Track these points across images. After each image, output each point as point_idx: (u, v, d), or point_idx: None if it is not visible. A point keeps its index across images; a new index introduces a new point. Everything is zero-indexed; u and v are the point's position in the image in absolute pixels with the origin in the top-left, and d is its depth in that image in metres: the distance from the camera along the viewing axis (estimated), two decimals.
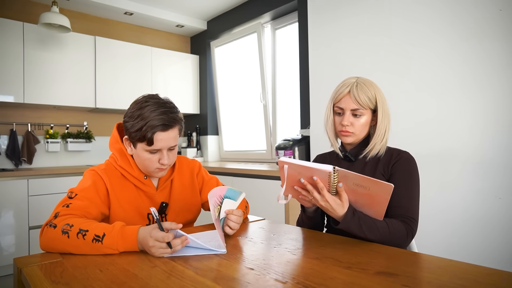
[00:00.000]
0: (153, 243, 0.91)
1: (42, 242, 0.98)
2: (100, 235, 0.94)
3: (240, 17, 3.77)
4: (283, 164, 1.00)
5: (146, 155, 1.12)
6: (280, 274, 0.79)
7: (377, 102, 1.18)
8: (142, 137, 1.08)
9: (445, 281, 0.71)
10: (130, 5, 3.71)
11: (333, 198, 0.98)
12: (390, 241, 1.02)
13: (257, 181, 2.76)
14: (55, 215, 1.01)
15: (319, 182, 0.97)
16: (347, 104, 1.17)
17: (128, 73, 3.75)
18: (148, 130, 1.07)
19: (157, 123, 1.07)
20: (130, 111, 1.12)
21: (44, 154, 3.52)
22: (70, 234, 0.94)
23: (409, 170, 1.15)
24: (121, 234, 0.95)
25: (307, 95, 2.89)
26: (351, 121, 1.18)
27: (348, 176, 0.95)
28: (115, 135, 1.22)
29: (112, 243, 0.94)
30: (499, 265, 1.72)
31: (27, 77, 3.14)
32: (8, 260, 2.78)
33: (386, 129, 1.19)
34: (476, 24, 1.82)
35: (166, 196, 1.25)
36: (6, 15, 3.27)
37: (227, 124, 4.22)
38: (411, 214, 1.10)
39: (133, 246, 0.95)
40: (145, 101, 1.11)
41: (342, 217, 1.00)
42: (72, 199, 1.06)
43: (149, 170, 1.15)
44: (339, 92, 1.20)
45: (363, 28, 2.33)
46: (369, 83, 1.19)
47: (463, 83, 1.88)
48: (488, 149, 1.79)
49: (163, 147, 1.11)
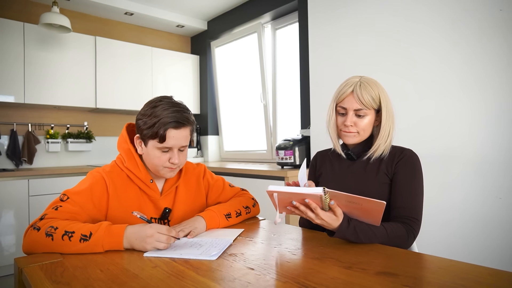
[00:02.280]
0: (152, 233, 0.94)
1: (24, 244, 0.97)
2: (87, 234, 0.95)
3: (241, 17, 3.77)
4: (272, 193, 0.98)
5: (156, 153, 1.13)
6: (281, 274, 0.79)
7: (381, 102, 1.16)
8: (154, 134, 1.10)
9: (446, 281, 0.71)
10: (131, 5, 3.71)
11: (328, 215, 0.96)
12: (390, 243, 1.01)
13: (258, 181, 2.76)
14: (42, 217, 1.00)
15: (312, 203, 0.96)
16: (350, 104, 1.15)
17: (128, 73, 3.75)
18: (161, 127, 1.09)
19: (170, 120, 1.09)
20: (144, 110, 1.14)
21: (45, 154, 3.52)
22: (54, 237, 0.94)
23: (413, 168, 1.13)
24: (108, 232, 0.96)
25: (307, 95, 2.89)
26: (354, 121, 1.16)
27: (339, 196, 0.94)
28: (124, 135, 1.21)
29: (98, 240, 0.94)
30: (500, 265, 1.72)
31: (28, 77, 3.15)
32: (8, 260, 2.79)
33: (390, 129, 1.17)
34: (477, 24, 1.82)
35: (170, 202, 1.24)
36: (6, 15, 3.27)
37: (228, 124, 4.23)
38: (414, 214, 1.07)
39: (118, 244, 0.96)
40: (159, 100, 1.13)
41: (337, 227, 0.98)
42: (63, 202, 1.05)
43: (159, 169, 1.15)
44: (342, 92, 1.17)
45: (364, 28, 2.33)
46: (373, 83, 1.17)
47: (463, 83, 1.88)
48: (488, 149, 1.79)
49: (174, 145, 1.12)
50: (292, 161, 2.69)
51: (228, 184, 1.42)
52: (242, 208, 1.31)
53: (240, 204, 1.32)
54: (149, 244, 0.95)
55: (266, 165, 3.22)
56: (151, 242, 0.95)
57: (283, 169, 2.69)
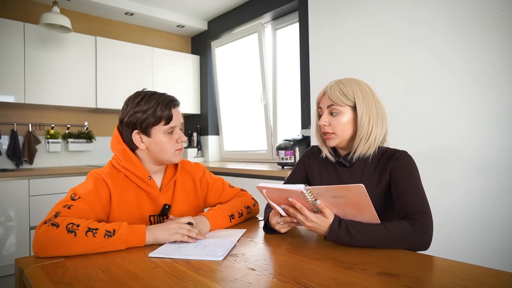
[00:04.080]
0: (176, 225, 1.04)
1: (39, 241, 0.92)
2: (111, 230, 0.97)
3: (241, 17, 3.77)
4: (262, 189, 1.02)
5: (164, 139, 1.16)
6: (282, 275, 0.79)
7: (355, 98, 1.12)
8: (158, 118, 1.14)
9: (446, 282, 0.71)
10: (131, 5, 3.71)
11: (317, 216, 0.96)
12: (396, 242, 0.95)
13: (258, 181, 2.76)
14: (56, 214, 0.99)
15: (296, 202, 0.96)
16: (323, 103, 1.16)
17: (128, 73, 3.75)
18: (163, 109, 1.14)
19: (167, 99, 1.15)
20: (131, 106, 1.16)
21: (45, 154, 3.52)
22: (77, 233, 0.94)
23: (409, 166, 1.10)
24: (131, 229, 1.00)
25: (307, 95, 2.89)
26: (328, 120, 1.14)
27: (321, 191, 0.94)
28: (116, 135, 1.21)
29: (122, 236, 0.97)
30: (500, 265, 1.72)
31: (28, 77, 3.15)
32: (9, 260, 2.79)
33: (371, 126, 1.11)
34: (477, 24, 1.82)
35: (169, 198, 1.25)
36: (7, 15, 3.27)
37: (228, 124, 4.23)
38: (419, 209, 1.02)
39: (141, 240, 1.01)
40: (140, 93, 1.18)
41: (329, 228, 0.95)
42: (75, 201, 1.05)
43: (169, 154, 1.18)
44: (319, 94, 1.19)
45: (364, 29, 2.33)
46: (348, 81, 1.14)
47: (463, 84, 1.88)
48: (488, 149, 1.79)
49: (178, 123, 1.18)
50: (292, 161, 2.69)
51: (228, 185, 1.42)
52: (244, 208, 1.32)
53: (242, 205, 1.33)
54: (173, 230, 1.02)
55: (266, 165, 3.22)
56: (176, 229, 1.03)
57: (283, 169, 2.69)
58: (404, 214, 1.05)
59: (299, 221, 0.99)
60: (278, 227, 1.09)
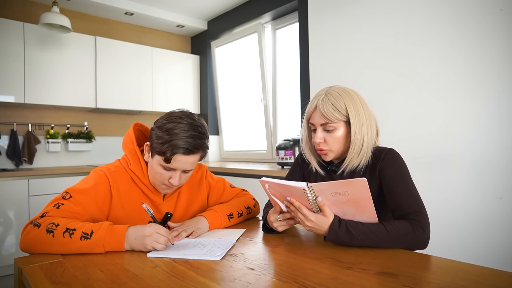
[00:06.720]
0: (151, 233, 0.95)
1: (23, 241, 0.95)
2: (88, 232, 0.94)
3: (241, 17, 3.77)
4: (264, 184, 1.01)
5: (159, 169, 1.10)
6: (281, 275, 0.79)
7: (348, 113, 1.08)
8: (162, 152, 1.06)
9: (446, 282, 0.71)
10: (131, 5, 3.71)
11: (316, 215, 0.95)
12: (396, 242, 0.95)
13: (258, 181, 2.76)
14: (42, 214, 0.98)
15: (294, 201, 0.96)
16: (316, 120, 1.11)
17: (128, 73, 3.75)
18: (170, 149, 1.05)
19: (181, 144, 1.05)
20: (161, 122, 1.09)
21: (45, 154, 3.52)
22: (55, 233, 0.93)
23: (397, 164, 1.09)
24: (110, 231, 0.96)
25: (307, 95, 2.89)
26: (323, 137, 1.11)
27: (323, 188, 0.93)
28: (130, 135, 1.20)
29: (99, 239, 0.94)
30: (500, 265, 1.72)
31: (28, 77, 3.14)
32: (8, 260, 2.79)
33: (363, 140, 1.09)
34: (477, 23, 1.82)
35: (171, 207, 1.24)
36: (6, 15, 3.27)
37: (228, 124, 4.22)
38: (414, 208, 1.02)
39: (119, 244, 0.95)
40: (179, 117, 1.08)
41: (328, 227, 0.95)
42: (65, 200, 1.03)
43: (157, 183, 1.15)
44: (308, 108, 1.14)
45: (364, 28, 2.33)
46: (338, 94, 1.09)
47: (463, 83, 1.88)
48: (489, 150, 1.78)
49: (179, 168, 1.09)
50: (292, 161, 2.69)
51: (229, 185, 1.41)
52: (243, 208, 1.32)
53: (242, 205, 1.32)
54: (148, 243, 0.94)
55: (266, 165, 3.21)
56: (150, 241, 0.94)
57: (283, 169, 2.69)
58: (400, 214, 1.04)
59: (299, 220, 0.99)
60: (276, 224, 1.08)
